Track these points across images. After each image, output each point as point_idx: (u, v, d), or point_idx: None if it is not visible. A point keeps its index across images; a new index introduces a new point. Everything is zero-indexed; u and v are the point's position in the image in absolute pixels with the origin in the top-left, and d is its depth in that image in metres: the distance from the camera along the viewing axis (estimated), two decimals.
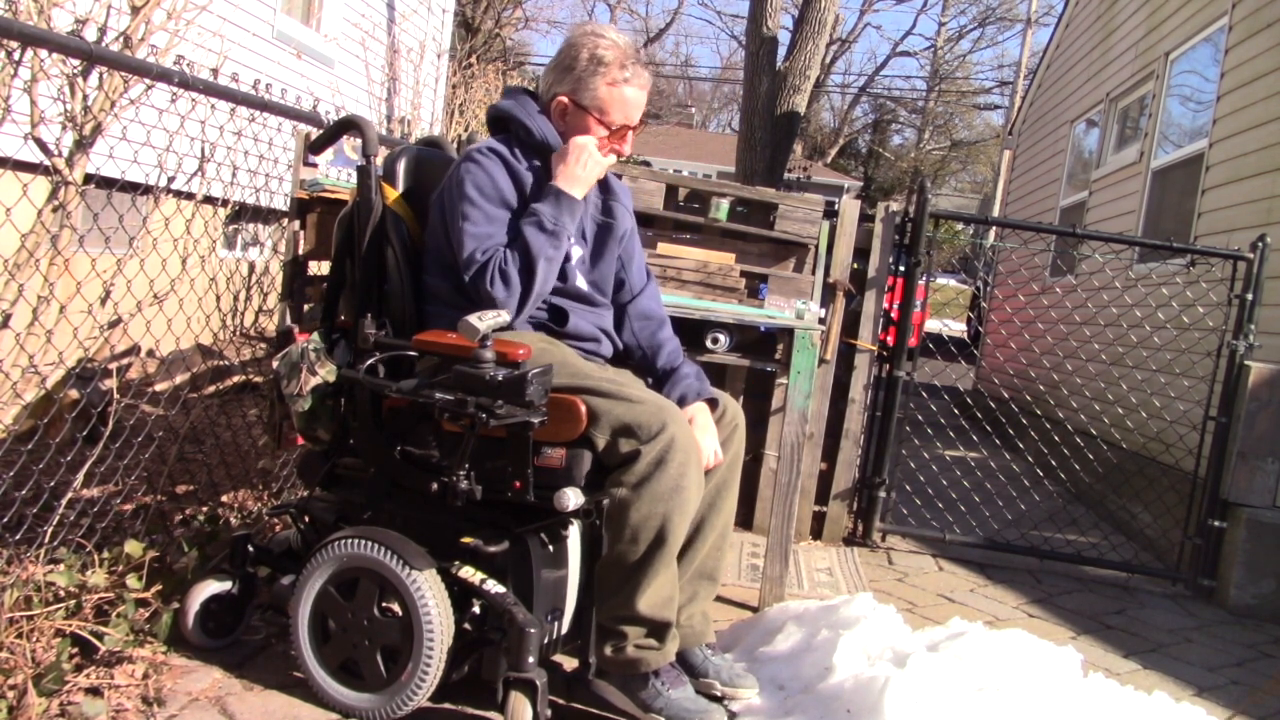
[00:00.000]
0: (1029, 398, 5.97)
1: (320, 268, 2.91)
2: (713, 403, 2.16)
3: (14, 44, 2.70)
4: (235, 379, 3.91)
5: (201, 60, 3.13)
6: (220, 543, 2.43)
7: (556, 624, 2.00)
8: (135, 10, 3.00)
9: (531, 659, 1.82)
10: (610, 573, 1.94)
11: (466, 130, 9.02)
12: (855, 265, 3.70)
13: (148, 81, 2.34)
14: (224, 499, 2.90)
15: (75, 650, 1.95)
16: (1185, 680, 2.84)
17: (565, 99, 2.12)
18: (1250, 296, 3.74)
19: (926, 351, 4.99)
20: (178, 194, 3.24)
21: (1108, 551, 3.97)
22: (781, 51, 7.17)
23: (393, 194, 2.10)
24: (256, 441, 3.25)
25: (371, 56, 7.54)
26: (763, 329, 3.41)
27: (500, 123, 2.17)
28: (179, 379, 3.67)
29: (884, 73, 32.40)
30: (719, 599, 2.77)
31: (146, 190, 2.88)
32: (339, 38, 7.14)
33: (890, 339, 3.85)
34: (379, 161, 2.10)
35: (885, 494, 3.85)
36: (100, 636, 1.97)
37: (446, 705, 2.00)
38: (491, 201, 2.03)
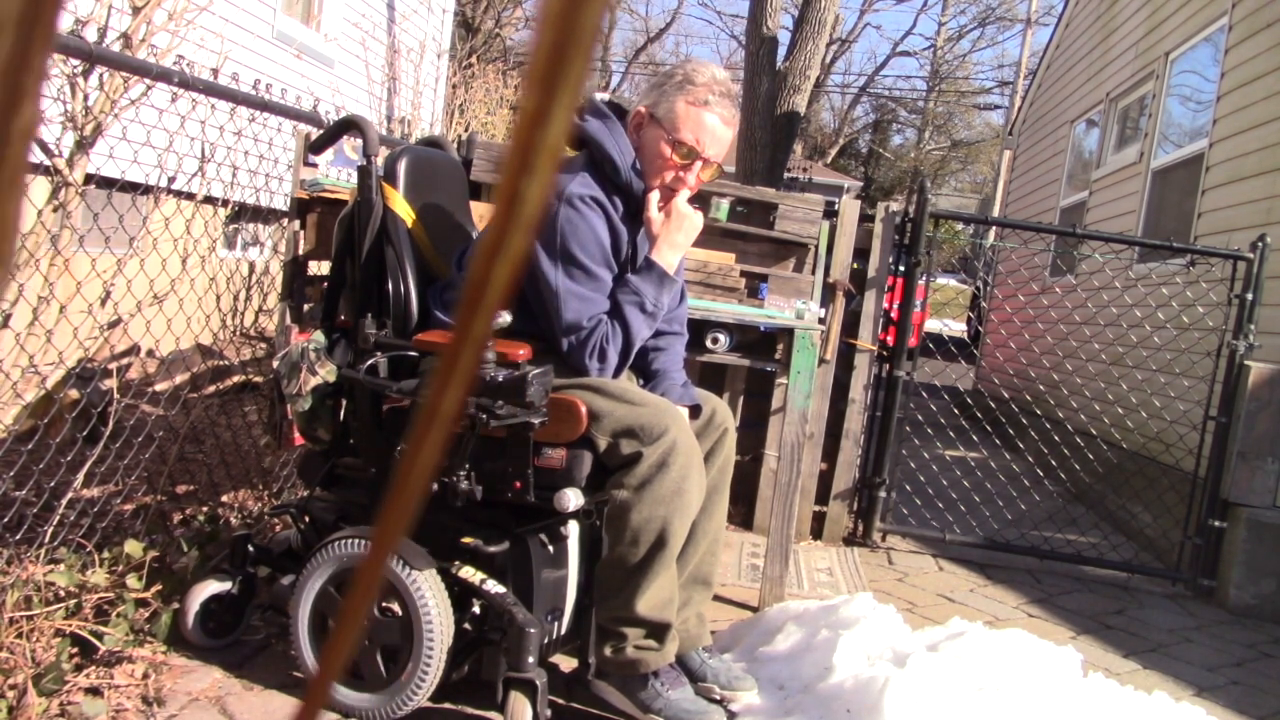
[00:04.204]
0: (1029, 398, 5.97)
1: (320, 268, 2.91)
2: (695, 409, 2.13)
3: None
4: (235, 379, 3.91)
5: (202, 60, 3.13)
6: (220, 543, 2.43)
7: (556, 624, 2.00)
8: (136, 10, 3.01)
9: (531, 659, 1.82)
10: (610, 574, 1.94)
11: (467, 130, 9.02)
12: (855, 265, 3.70)
13: (148, 82, 2.34)
14: (224, 499, 2.90)
15: (75, 650, 1.95)
16: (1185, 680, 2.84)
17: (644, 109, 2.06)
18: (1250, 296, 3.74)
19: (926, 351, 4.99)
20: (178, 194, 3.24)
21: (1108, 551, 3.97)
22: (781, 51, 7.17)
23: (393, 194, 2.10)
24: (257, 441, 3.25)
25: (371, 56, 7.54)
26: (763, 329, 3.41)
27: (579, 142, 2.07)
28: (179, 379, 3.67)
29: (884, 73, 32.41)
30: (719, 599, 2.78)
31: (146, 190, 2.88)
32: (339, 38, 7.14)
33: (890, 339, 3.85)
34: (379, 161, 2.10)
35: (885, 494, 3.85)
36: (100, 636, 1.97)
37: (446, 705, 2.00)
38: (595, 261, 1.96)
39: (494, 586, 1.89)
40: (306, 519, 2.19)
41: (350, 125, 2.22)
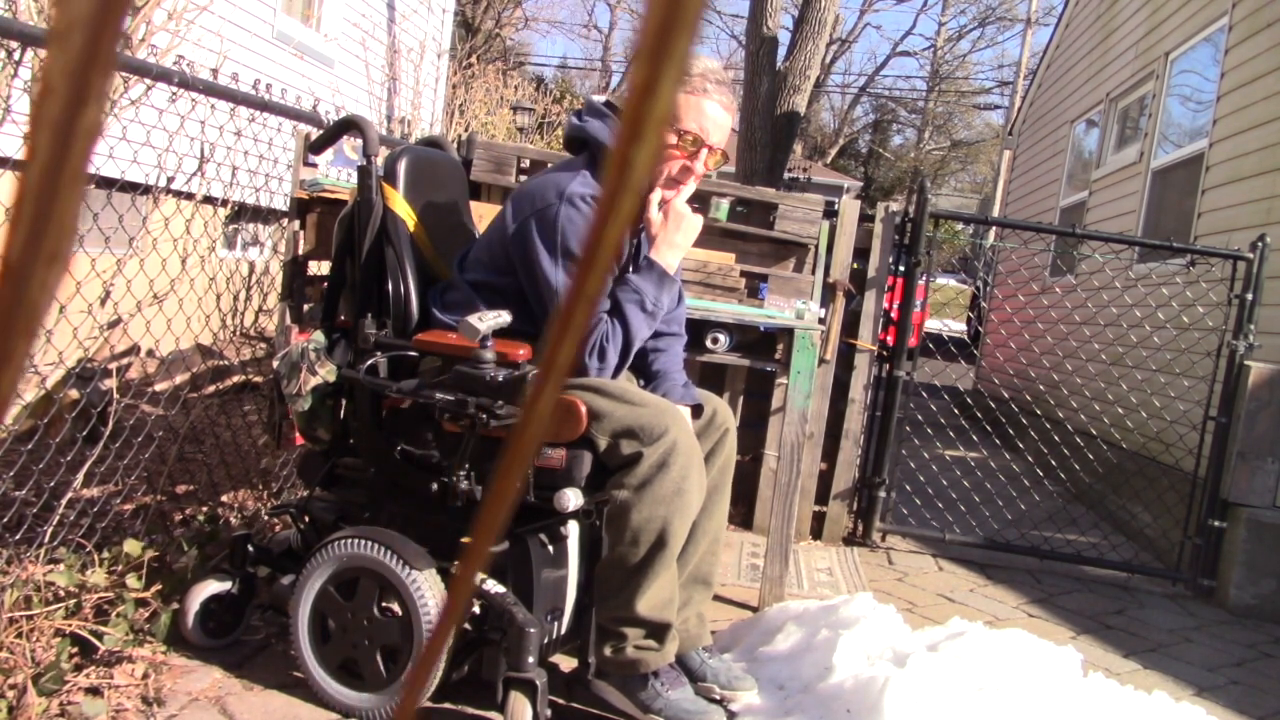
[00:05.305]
0: (1029, 398, 5.97)
1: (320, 268, 2.91)
2: (697, 409, 2.13)
3: (14, 44, 2.70)
4: (235, 379, 3.91)
5: (202, 60, 3.13)
6: (220, 543, 2.43)
7: (556, 624, 2.00)
8: (136, 10, 3.00)
9: (531, 659, 1.82)
10: (610, 574, 1.94)
11: (467, 130, 9.02)
12: (855, 265, 3.70)
13: (148, 82, 2.34)
14: (224, 499, 2.90)
15: (75, 650, 1.95)
16: (1185, 680, 2.84)
17: None
18: (1250, 296, 3.74)
19: (926, 351, 4.99)
20: (178, 194, 3.24)
21: (1108, 551, 3.97)
22: (781, 51, 7.17)
23: (393, 194, 2.10)
24: (256, 441, 3.25)
25: (371, 56, 7.54)
26: (763, 329, 3.41)
27: (580, 144, 2.08)
28: (179, 379, 3.67)
29: (884, 73, 32.37)
30: (718, 599, 2.77)
31: (146, 190, 2.88)
32: (339, 38, 7.14)
33: (890, 339, 3.85)
34: (379, 161, 2.10)
35: (885, 494, 3.85)
36: (100, 636, 1.97)
37: (446, 705, 2.00)
38: None
39: (494, 586, 1.89)
40: (306, 519, 2.19)
41: (350, 125, 2.22)
